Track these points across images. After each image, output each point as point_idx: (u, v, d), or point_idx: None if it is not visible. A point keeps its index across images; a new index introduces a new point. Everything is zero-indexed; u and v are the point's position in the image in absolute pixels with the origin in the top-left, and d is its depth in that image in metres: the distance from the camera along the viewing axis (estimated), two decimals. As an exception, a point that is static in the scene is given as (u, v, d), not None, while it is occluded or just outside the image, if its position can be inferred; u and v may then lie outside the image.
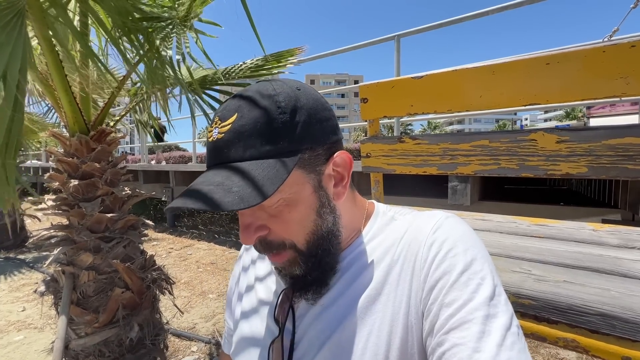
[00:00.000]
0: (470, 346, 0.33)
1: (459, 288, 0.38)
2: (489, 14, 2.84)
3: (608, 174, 0.91)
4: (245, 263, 0.61)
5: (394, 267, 0.44)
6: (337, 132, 0.46)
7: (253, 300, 0.55)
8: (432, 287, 0.40)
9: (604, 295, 0.59)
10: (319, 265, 0.44)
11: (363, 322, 0.42)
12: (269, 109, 0.39)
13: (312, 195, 0.42)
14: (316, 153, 0.42)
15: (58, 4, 1.15)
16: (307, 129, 0.41)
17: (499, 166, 1.08)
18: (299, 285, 0.46)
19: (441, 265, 0.40)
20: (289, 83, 0.44)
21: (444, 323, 0.36)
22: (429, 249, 0.42)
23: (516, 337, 0.35)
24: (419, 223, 0.46)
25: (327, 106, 0.45)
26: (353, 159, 0.47)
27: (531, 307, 0.62)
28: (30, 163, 9.28)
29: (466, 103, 1.11)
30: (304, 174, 0.41)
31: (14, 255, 4.61)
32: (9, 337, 2.50)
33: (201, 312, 2.88)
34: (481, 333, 0.34)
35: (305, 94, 0.43)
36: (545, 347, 2.27)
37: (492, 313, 0.35)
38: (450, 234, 0.43)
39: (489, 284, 0.38)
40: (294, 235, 0.43)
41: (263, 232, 0.42)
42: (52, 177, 1.41)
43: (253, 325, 0.52)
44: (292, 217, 0.42)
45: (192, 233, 5.83)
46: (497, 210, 1.86)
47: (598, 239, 0.90)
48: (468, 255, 0.40)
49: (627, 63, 0.84)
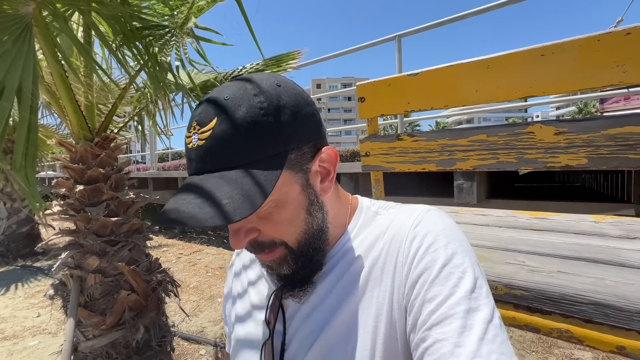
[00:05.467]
0: (452, 341, 0.33)
1: (440, 283, 0.38)
2: (491, 9, 2.82)
3: (609, 165, 0.89)
4: (237, 269, 0.62)
5: (377, 263, 0.44)
6: (321, 127, 0.45)
7: (246, 304, 0.55)
8: (414, 282, 0.40)
9: (599, 284, 0.58)
10: (309, 263, 0.44)
11: (350, 320, 0.43)
12: (251, 112, 0.37)
13: (301, 194, 0.42)
14: (302, 152, 0.41)
15: (60, 17, 1.19)
16: (292, 128, 0.39)
17: (497, 160, 1.07)
18: (286, 283, 0.46)
19: (422, 261, 0.40)
20: (268, 80, 0.41)
21: (426, 319, 0.36)
22: (410, 244, 0.42)
23: (498, 329, 0.35)
24: (400, 217, 0.46)
25: (309, 100, 0.44)
26: (359, 160, 0.46)
27: (524, 297, 0.61)
28: (46, 174, 9.53)
29: (462, 98, 1.11)
30: (292, 174, 0.40)
31: (30, 263, 4.75)
32: (24, 343, 2.56)
33: (210, 315, 2.91)
34: (462, 328, 0.34)
35: (287, 90, 0.41)
36: (559, 347, 2.21)
37: (474, 306, 0.35)
38: (431, 229, 0.43)
39: (469, 277, 0.38)
40: (285, 235, 0.42)
41: (253, 235, 0.42)
42: (58, 183, 1.45)
43: (247, 328, 0.53)
44: (283, 218, 0.41)
45: (201, 238, 5.89)
46: (506, 208, 1.83)
47: (599, 230, 0.88)
48: (449, 249, 0.40)
49: (623, 51, 0.83)
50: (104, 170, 1.45)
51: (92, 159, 1.44)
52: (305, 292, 0.46)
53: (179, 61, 1.44)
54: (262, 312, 0.51)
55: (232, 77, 1.98)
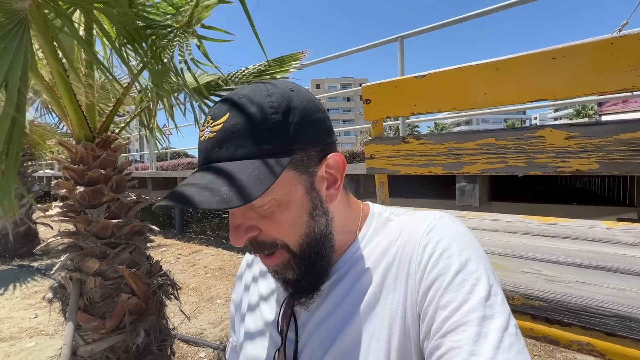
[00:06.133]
0: (467, 349, 0.33)
1: (454, 290, 0.37)
2: (493, 12, 2.81)
3: (621, 170, 0.87)
4: (247, 281, 0.60)
5: (390, 270, 0.43)
6: (331, 134, 0.45)
7: (258, 319, 0.54)
8: (427, 289, 0.39)
9: (620, 295, 0.56)
10: (312, 269, 0.44)
11: (364, 328, 0.42)
12: (262, 109, 0.39)
13: (305, 197, 0.42)
14: (309, 154, 0.42)
15: (63, 14, 1.17)
16: (299, 129, 0.40)
17: (506, 164, 1.05)
18: (293, 290, 0.46)
19: (436, 267, 0.39)
20: (283, 84, 0.43)
21: (440, 326, 0.36)
22: (424, 250, 0.41)
23: (514, 337, 0.34)
24: (413, 224, 0.46)
25: (321, 107, 0.45)
26: (359, 161, 0.46)
27: (542, 308, 0.59)
28: (44, 172, 9.51)
29: (471, 101, 1.09)
30: (296, 175, 0.41)
31: (27, 263, 4.70)
32: (22, 344, 2.53)
33: (209, 317, 2.88)
34: (477, 335, 0.33)
35: (299, 95, 0.43)
36: (561, 352, 2.20)
37: (489, 314, 0.35)
38: (444, 235, 0.42)
39: (484, 284, 0.37)
40: (286, 236, 0.42)
41: (253, 232, 0.42)
42: (58, 184, 1.43)
43: (257, 342, 0.52)
44: (284, 218, 0.41)
45: (200, 239, 5.87)
46: (507, 211, 1.82)
47: (612, 237, 0.87)
48: (462, 255, 0.39)
49: (638, 55, 0.81)
50: (105, 171, 1.43)
51: (93, 159, 1.41)
52: (311, 299, 0.45)
53: (182, 61, 1.42)
54: (272, 323, 0.51)
55: (236, 78, 1.95)
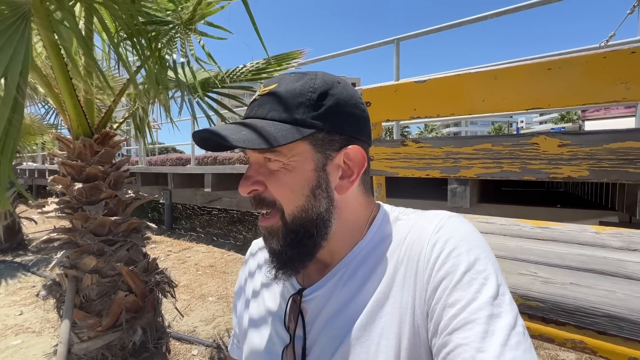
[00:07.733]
0: (474, 346, 0.33)
1: (462, 288, 0.37)
2: (487, 18, 2.88)
3: (609, 178, 0.92)
4: (251, 268, 0.61)
5: (399, 269, 0.44)
6: (362, 132, 0.48)
7: (261, 308, 0.55)
8: (435, 287, 0.39)
9: (611, 297, 0.60)
10: (297, 244, 0.45)
11: (374, 326, 0.42)
12: (303, 86, 0.44)
13: (312, 172, 0.44)
14: (331, 138, 0.44)
15: (64, 7, 1.15)
16: (329, 113, 0.44)
17: (501, 169, 1.09)
18: (275, 263, 0.47)
19: (444, 266, 0.40)
20: (333, 77, 0.47)
21: (447, 323, 0.36)
22: (432, 249, 0.42)
23: (521, 336, 0.34)
24: (422, 223, 0.46)
25: (362, 107, 0.48)
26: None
27: (539, 309, 0.63)
28: (26, 165, 9.19)
29: (469, 107, 1.12)
30: (312, 150, 0.44)
31: (11, 258, 4.57)
32: (7, 342, 2.47)
33: (201, 315, 2.87)
34: (485, 333, 0.34)
35: (343, 88, 0.46)
36: (544, 349, 2.28)
37: (496, 313, 0.35)
38: (453, 234, 0.42)
39: (492, 283, 0.38)
40: (284, 199, 0.45)
41: (260, 187, 0.46)
42: (55, 180, 1.40)
43: (263, 335, 0.52)
44: (287, 180, 0.44)
45: (190, 235, 5.81)
46: (496, 213, 1.87)
47: (601, 241, 0.92)
48: (471, 254, 0.40)
49: (628, 69, 0.85)
50: (103, 167, 1.41)
51: (91, 155, 1.39)
52: (287, 275, 0.47)
53: (184, 58, 1.41)
54: (277, 317, 0.51)
55: (234, 75, 1.94)
